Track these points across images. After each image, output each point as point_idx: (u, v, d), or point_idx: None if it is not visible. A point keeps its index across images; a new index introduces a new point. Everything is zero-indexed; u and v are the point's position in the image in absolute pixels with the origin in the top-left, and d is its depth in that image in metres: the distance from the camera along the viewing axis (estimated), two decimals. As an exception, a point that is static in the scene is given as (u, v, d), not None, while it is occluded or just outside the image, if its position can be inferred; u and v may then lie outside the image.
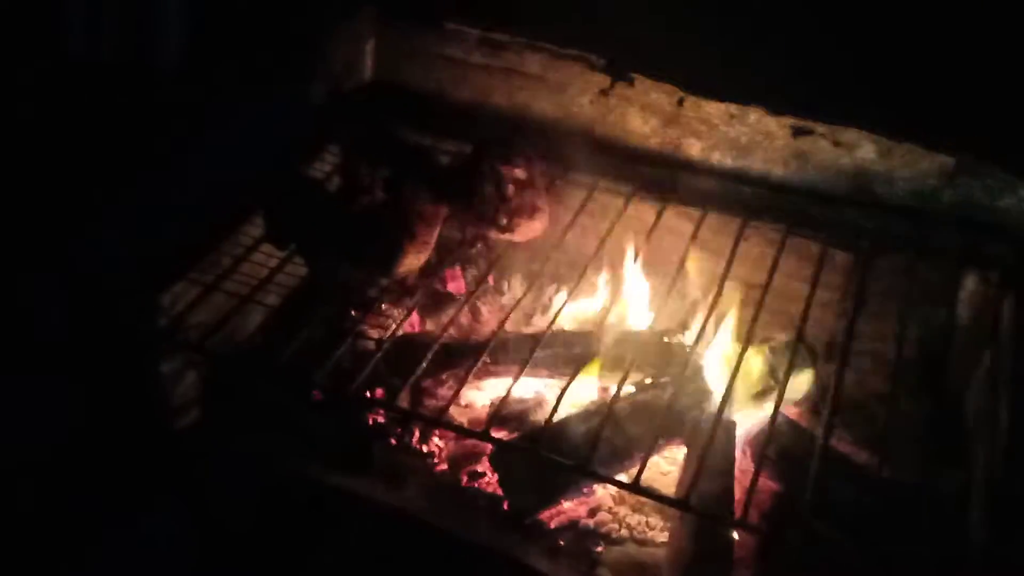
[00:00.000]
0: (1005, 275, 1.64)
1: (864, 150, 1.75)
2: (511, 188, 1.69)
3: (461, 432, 1.48)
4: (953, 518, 1.49)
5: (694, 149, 1.87)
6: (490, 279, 1.97)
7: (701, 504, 1.36)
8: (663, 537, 1.56)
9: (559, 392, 1.47)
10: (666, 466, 1.68)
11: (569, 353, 1.65)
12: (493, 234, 1.70)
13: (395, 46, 2.04)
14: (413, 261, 1.61)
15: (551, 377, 1.69)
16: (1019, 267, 1.63)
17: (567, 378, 1.63)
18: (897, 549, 1.39)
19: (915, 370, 1.75)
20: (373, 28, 2.04)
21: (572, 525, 1.58)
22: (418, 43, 2.02)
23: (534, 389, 1.71)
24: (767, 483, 1.56)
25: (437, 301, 1.93)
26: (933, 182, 1.72)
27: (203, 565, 1.62)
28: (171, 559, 1.62)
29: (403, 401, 1.73)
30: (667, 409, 1.51)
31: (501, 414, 1.61)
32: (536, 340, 1.57)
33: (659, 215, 1.80)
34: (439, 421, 1.44)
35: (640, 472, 1.33)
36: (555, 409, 1.42)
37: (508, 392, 1.44)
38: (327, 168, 1.91)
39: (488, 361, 1.63)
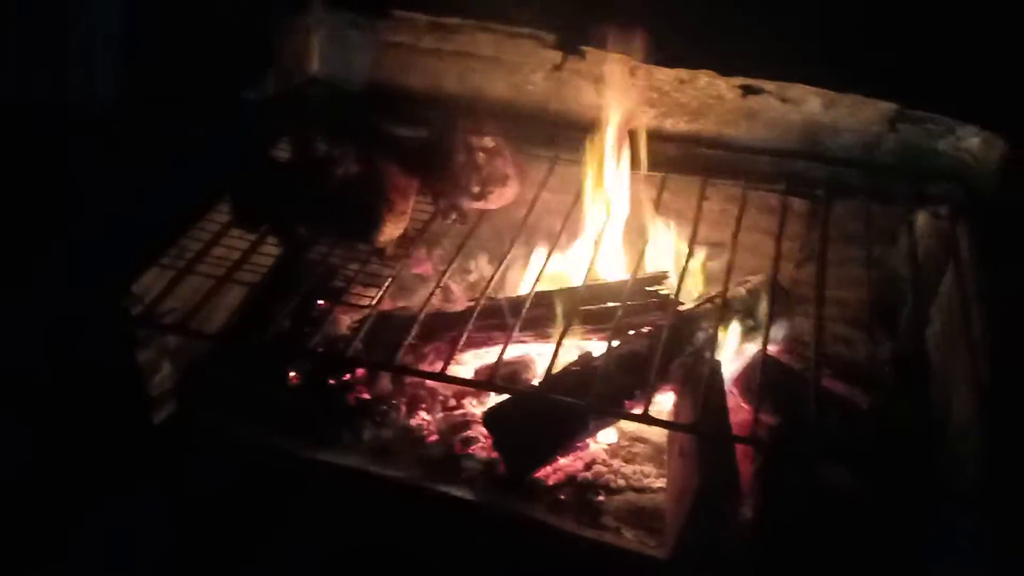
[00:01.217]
0: (955, 208, 1.72)
1: (810, 104, 1.83)
2: (482, 156, 1.71)
3: (467, 384, 1.48)
4: (930, 444, 1.54)
5: (647, 116, 1.92)
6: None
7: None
8: (660, 483, 1.58)
9: (545, 351, 1.48)
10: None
11: (553, 312, 1.66)
12: (466, 203, 1.72)
13: (342, 36, 2.04)
14: (392, 230, 1.61)
15: (535, 340, 1.69)
16: (968, 199, 1.72)
17: (552, 338, 1.66)
18: (884, 472, 1.44)
19: (874, 311, 1.83)
20: (321, 19, 2.04)
21: (570, 480, 1.58)
22: (366, 32, 2.02)
23: (518, 352, 1.72)
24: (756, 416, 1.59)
25: (405, 283, 1.91)
26: (877, 129, 1.81)
27: (183, 547, 1.57)
28: (151, 543, 1.57)
29: (384, 380, 1.72)
30: (655, 356, 1.54)
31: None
32: (522, 301, 1.58)
33: (622, 181, 1.84)
34: (443, 375, 1.42)
35: (647, 407, 1.35)
36: (555, 355, 1.43)
37: (504, 348, 1.44)
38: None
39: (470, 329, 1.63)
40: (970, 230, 1.69)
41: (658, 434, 1.66)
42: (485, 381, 1.46)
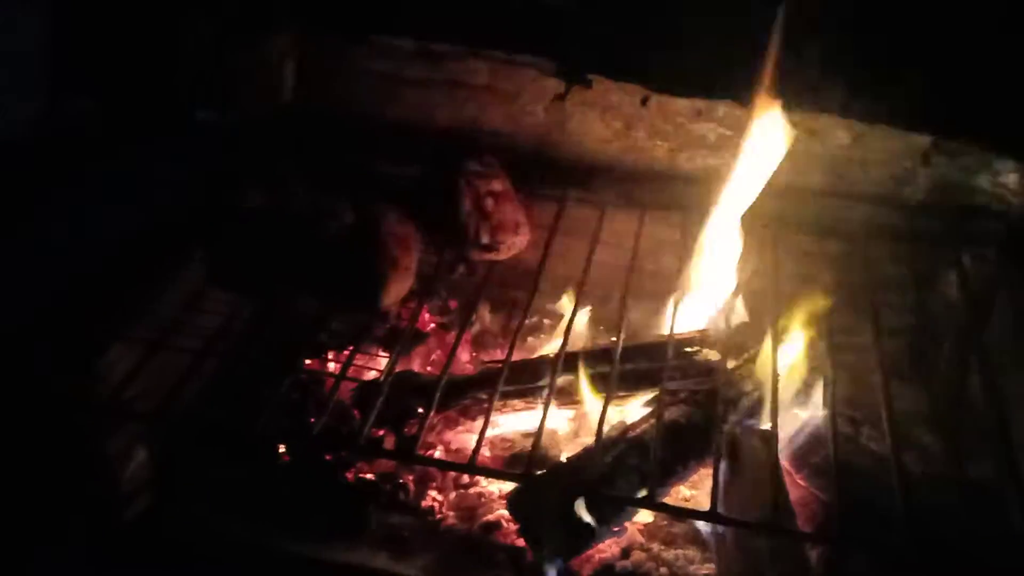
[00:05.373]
0: (1001, 249, 1.60)
1: (837, 137, 1.69)
2: (490, 202, 1.52)
3: (502, 477, 1.29)
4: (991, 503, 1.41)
5: (660, 151, 1.76)
6: (452, 306, 1.80)
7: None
8: (706, 570, 1.41)
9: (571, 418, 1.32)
10: (687, 490, 1.54)
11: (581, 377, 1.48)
12: (475, 255, 1.53)
13: (318, 65, 1.83)
14: (398, 290, 1.41)
15: (560, 406, 1.52)
16: (1014, 239, 1.61)
17: (576, 405, 1.49)
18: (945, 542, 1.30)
19: (913, 360, 1.71)
20: (292, 48, 1.83)
21: (607, 569, 1.41)
22: (344, 60, 1.82)
23: (534, 422, 1.53)
24: (810, 492, 1.43)
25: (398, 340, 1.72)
26: (908, 164, 1.69)
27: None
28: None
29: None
30: (699, 427, 1.38)
31: (513, 453, 1.45)
32: (546, 363, 1.40)
33: (640, 223, 1.67)
34: (473, 467, 1.23)
35: (715, 502, 1.17)
36: (599, 433, 1.25)
37: (542, 424, 1.26)
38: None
39: (482, 397, 1.47)
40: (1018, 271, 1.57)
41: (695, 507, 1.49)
42: (517, 473, 1.27)
